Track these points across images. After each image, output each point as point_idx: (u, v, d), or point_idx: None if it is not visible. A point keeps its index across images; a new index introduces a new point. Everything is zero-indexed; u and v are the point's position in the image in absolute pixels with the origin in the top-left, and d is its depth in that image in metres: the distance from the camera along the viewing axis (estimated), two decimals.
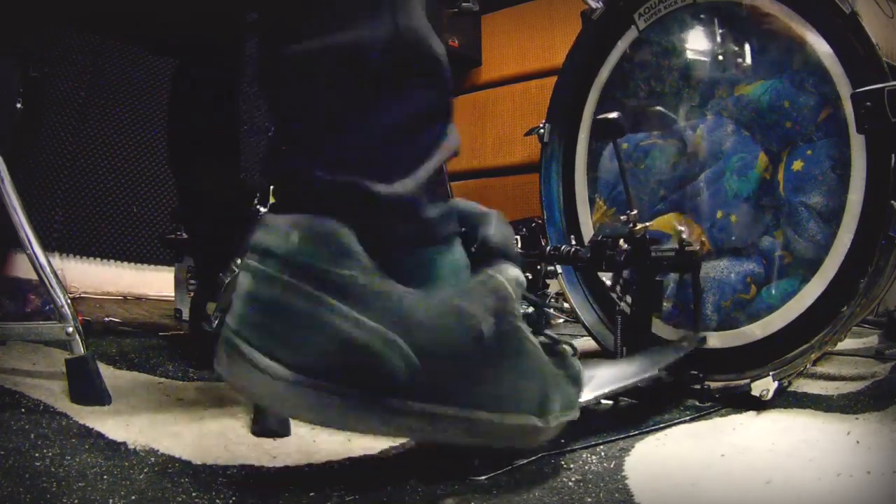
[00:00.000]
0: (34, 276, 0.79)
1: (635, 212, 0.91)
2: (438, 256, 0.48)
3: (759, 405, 0.85)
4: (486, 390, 0.48)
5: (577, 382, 0.59)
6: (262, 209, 1.02)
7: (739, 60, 1.01)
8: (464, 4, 2.43)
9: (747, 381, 0.86)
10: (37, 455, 0.56)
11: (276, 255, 0.42)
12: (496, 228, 0.51)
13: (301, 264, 0.41)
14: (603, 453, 0.66)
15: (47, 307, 0.85)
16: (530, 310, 0.55)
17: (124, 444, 0.61)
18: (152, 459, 0.58)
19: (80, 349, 0.77)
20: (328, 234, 0.42)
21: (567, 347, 0.60)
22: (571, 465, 0.62)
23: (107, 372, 0.92)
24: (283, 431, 0.67)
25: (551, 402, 0.53)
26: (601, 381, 0.69)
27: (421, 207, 0.46)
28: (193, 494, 0.50)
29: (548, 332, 0.58)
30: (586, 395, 0.65)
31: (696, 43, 1.08)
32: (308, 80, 0.46)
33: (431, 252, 0.48)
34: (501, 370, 0.49)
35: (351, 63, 0.45)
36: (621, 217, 0.93)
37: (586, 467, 0.62)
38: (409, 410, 0.44)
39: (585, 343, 1.21)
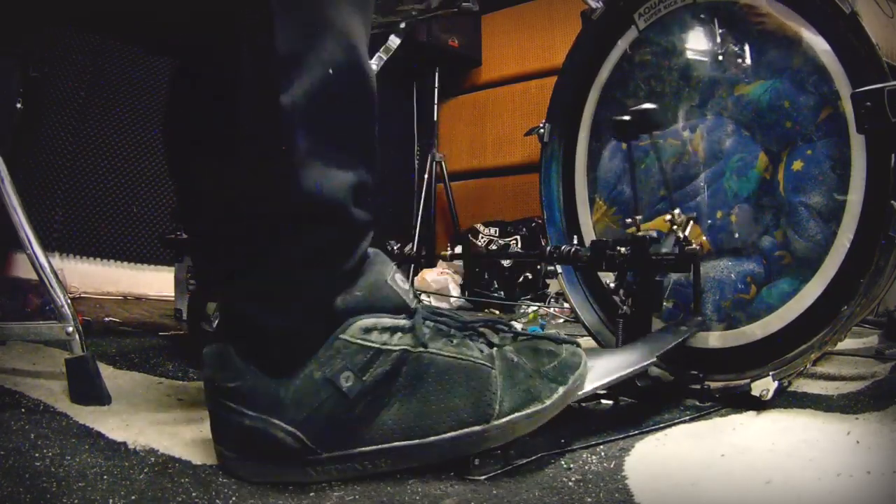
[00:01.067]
0: (34, 276, 0.79)
1: (640, 217, 0.91)
2: (310, 342, 0.57)
3: (759, 405, 0.85)
4: (386, 424, 0.56)
5: (546, 376, 0.61)
6: None
7: (739, 60, 1.01)
8: (464, 4, 2.43)
9: (747, 381, 0.86)
10: (37, 455, 0.55)
11: (203, 375, 0.59)
12: (357, 285, 0.58)
13: (211, 382, 0.58)
14: (603, 453, 0.66)
15: (47, 307, 0.85)
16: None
17: (124, 444, 0.61)
18: (152, 459, 0.58)
19: (80, 349, 0.77)
20: (221, 356, 0.57)
21: (550, 345, 0.63)
22: (571, 465, 0.62)
23: (107, 372, 0.92)
24: None
25: (495, 403, 0.57)
26: (599, 373, 0.68)
27: (300, 331, 0.56)
28: (193, 494, 0.50)
29: (542, 322, 0.61)
30: (584, 388, 0.65)
31: (696, 43, 1.08)
32: (217, 221, 0.59)
33: (305, 345, 0.56)
34: (397, 401, 0.57)
35: (247, 213, 0.55)
36: (627, 220, 0.93)
37: (586, 467, 0.62)
38: (320, 460, 0.55)
39: (586, 343, 1.21)
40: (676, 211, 1.02)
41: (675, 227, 1.00)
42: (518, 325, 1.54)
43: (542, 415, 0.59)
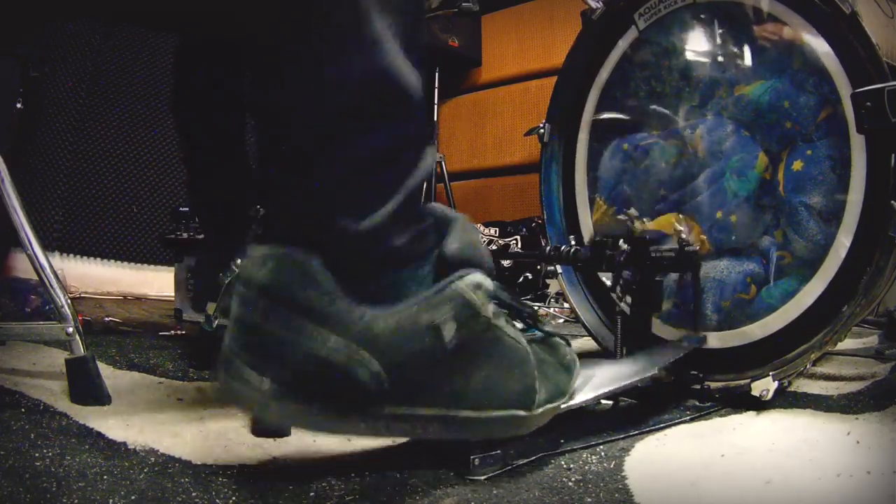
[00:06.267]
0: (34, 276, 0.79)
1: (633, 209, 0.91)
2: (405, 276, 0.52)
3: (759, 405, 0.85)
4: (461, 389, 0.53)
5: (567, 370, 0.63)
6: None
7: (739, 60, 1.01)
8: (464, 4, 2.44)
9: (747, 381, 0.86)
10: (37, 455, 0.56)
11: (254, 283, 0.48)
12: (457, 236, 0.54)
13: (274, 291, 0.48)
14: (603, 453, 0.66)
15: (47, 307, 0.85)
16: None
17: (124, 444, 0.61)
18: (152, 459, 0.58)
19: (80, 349, 0.77)
20: (296, 264, 0.48)
21: (558, 339, 0.64)
22: (571, 465, 0.62)
23: (107, 372, 0.92)
24: (283, 431, 0.67)
25: (536, 393, 0.57)
26: (601, 381, 0.69)
27: (388, 238, 0.50)
28: (193, 494, 0.50)
29: (543, 326, 0.63)
30: (586, 395, 0.66)
31: (696, 43, 1.08)
32: (284, 114, 0.50)
33: (398, 273, 0.51)
34: (474, 369, 0.53)
35: (322, 101, 0.49)
36: (619, 217, 0.93)
37: (586, 467, 0.62)
38: (382, 414, 0.50)
39: (585, 343, 1.21)
40: (676, 212, 1.02)
41: (675, 227, 1.00)
42: None
43: (561, 407, 0.61)
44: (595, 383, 0.68)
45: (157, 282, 2.17)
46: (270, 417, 0.50)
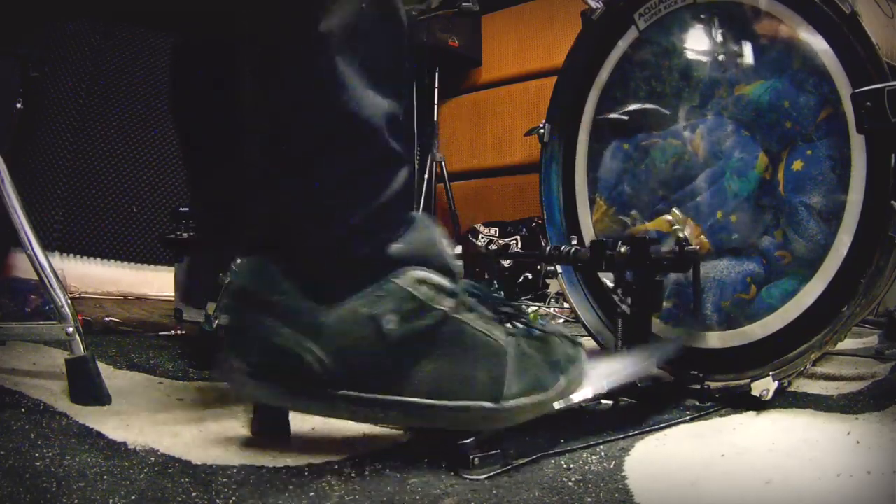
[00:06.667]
0: (34, 276, 0.79)
1: (635, 212, 0.91)
2: (357, 277, 0.58)
3: (759, 405, 0.85)
4: (414, 377, 0.57)
5: (555, 368, 0.64)
6: None
7: (739, 60, 1.01)
8: (464, 4, 2.44)
9: (747, 381, 0.86)
10: (37, 455, 0.56)
11: (234, 286, 0.59)
12: (408, 237, 0.60)
13: (246, 292, 0.58)
14: (603, 453, 0.66)
15: (47, 307, 0.85)
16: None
17: (124, 444, 0.61)
18: (152, 459, 0.58)
19: (80, 349, 0.77)
20: (263, 270, 0.57)
21: (557, 339, 0.66)
22: (571, 465, 0.62)
23: (107, 372, 0.92)
24: (283, 431, 0.67)
25: (504, 385, 0.59)
26: (599, 376, 0.70)
27: (345, 249, 0.58)
28: (193, 494, 0.50)
29: (543, 324, 0.66)
30: (585, 392, 0.65)
31: (697, 43, 1.08)
32: (259, 133, 0.60)
33: (351, 276, 0.58)
34: (427, 358, 0.58)
35: (287, 133, 0.58)
36: (625, 219, 0.93)
37: (586, 467, 0.62)
38: (335, 395, 0.56)
39: (585, 343, 1.21)
40: (676, 211, 1.02)
41: (675, 227, 1.00)
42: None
43: (545, 403, 0.62)
44: (592, 379, 0.68)
45: (157, 282, 2.17)
46: (247, 393, 0.59)
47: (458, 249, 2.71)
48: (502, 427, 0.60)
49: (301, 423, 0.68)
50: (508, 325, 0.65)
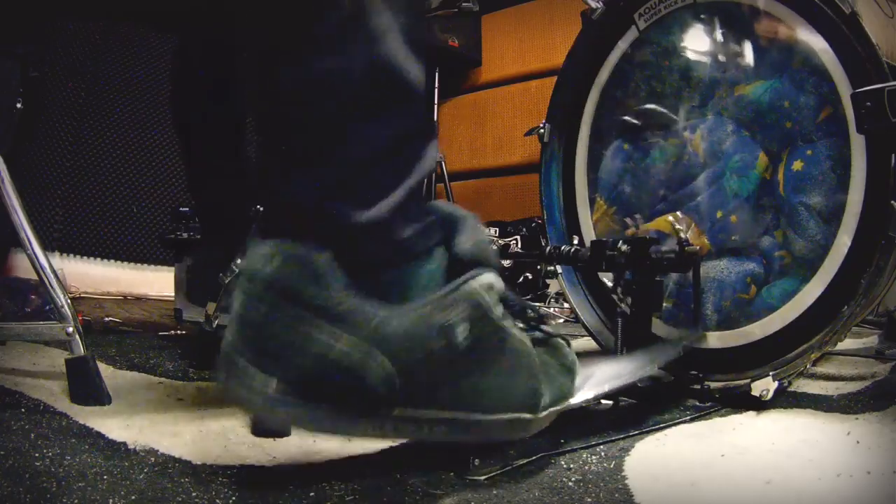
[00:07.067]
0: (34, 276, 0.79)
1: (638, 215, 0.91)
2: (414, 271, 0.51)
3: (759, 405, 0.85)
4: (469, 391, 0.51)
5: (570, 372, 0.62)
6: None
7: (739, 60, 1.01)
8: (464, 4, 2.43)
9: (747, 381, 0.86)
10: (37, 455, 0.55)
11: (259, 279, 0.46)
12: (467, 235, 0.53)
13: (281, 287, 0.46)
14: (603, 453, 0.66)
15: (47, 307, 0.85)
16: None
17: (124, 444, 0.61)
18: (152, 459, 0.58)
19: (80, 349, 0.77)
20: (305, 258, 0.46)
21: (560, 340, 0.63)
22: (571, 465, 0.62)
23: (107, 372, 0.92)
24: (283, 431, 0.67)
25: (541, 396, 0.56)
26: (600, 379, 0.69)
27: (395, 230, 0.50)
28: (193, 494, 0.50)
29: (543, 327, 0.61)
30: (586, 394, 0.65)
31: (697, 43, 1.08)
32: (287, 106, 0.50)
33: (407, 268, 0.51)
34: (483, 372, 0.52)
35: (327, 92, 0.48)
36: (627, 220, 0.93)
37: (586, 467, 0.62)
38: (391, 416, 0.48)
39: (585, 343, 1.21)
40: (676, 211, 1.02)
41: (675, 227, 1.00)
42: None
43: (565, 409, 0.60)
44: (594, 382, 0.68)
45: (157, 282, 2.17)
46: (277, 418, 0.50)
47: None
48: (536, 433, 0.58)
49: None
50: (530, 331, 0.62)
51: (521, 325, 0.58)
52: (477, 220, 0.56)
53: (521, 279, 2.46)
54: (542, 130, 1.25)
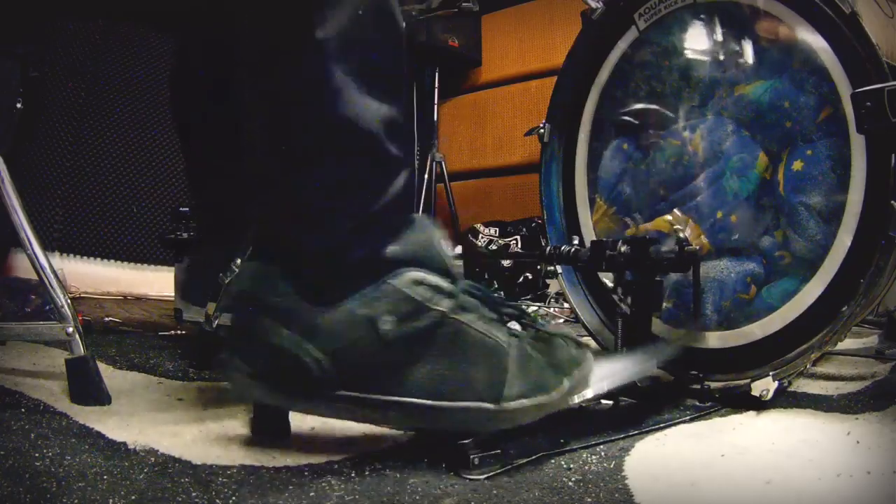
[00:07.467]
0: (34, 276, 0.79)
1: (638, 215, 0.91)
2: (355, 279, 0.58)
3: (759, 405, 0.85)
4: (413, 378, 0.58)
5: (559, 369, 0.63)
6: None
7: (739, 60, 1.01)
8: (464, 4, 2.44)
9: (747, 381, 0.86)
10: (37, 455, 0.56)
11: (237, 290, 0.62)
12: (405, 238, 0.60)
13: (248, 296, 0.60)
14: (603, 453, 0.66)
15: (47, 307, 0.85)
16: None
17: (124, 444, 0.61)
18: (152, 459, 0.58)
19: (80, 349, 0.77)
20: (263, 274, 0.59)
21: (561, 340, 0.66)
22: (571, 465, 0.62)
23: (107, 372, 0.92)
24: (283, 431, 0.67)
25: (505, 386, 0.59)
26: (600, 377, 0.69)
27: (343, 254, 0.58)
28: (193, 494, 0.50)
29: (540, 324, 0.66)
30: (586, 393, 0.65)
31: (697, 43, 1.08)
32: (253, 147, 0.62)
33: (348, 278, 0.58)
34: (425, 359, 0.58)
35: (286, 139, 0.58)
36: (626, 220, 0.93)
37: (586, 467, 0.62)
38: (335, 396, 0.57)
39: (585, 343, 1.21)
40: (676, 211, 1.02)
41: (675, 227, 1.00)
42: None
43: (546, 405, 0.61)
44: (593, 381, 0.68)
45: (157, 282, 2.17)
46: (248, 395, 0.61)
47: (458, 249, 2.71)
48: (503, 428, 0.60)
49: (301, 423, 0.68)
50: (512, 325, 0.65)
51: (492, 316, 0.62)
52: (425, 221, 0.62)
53: (521, 279, 2.46)
54: (541, 130, 1.25)
